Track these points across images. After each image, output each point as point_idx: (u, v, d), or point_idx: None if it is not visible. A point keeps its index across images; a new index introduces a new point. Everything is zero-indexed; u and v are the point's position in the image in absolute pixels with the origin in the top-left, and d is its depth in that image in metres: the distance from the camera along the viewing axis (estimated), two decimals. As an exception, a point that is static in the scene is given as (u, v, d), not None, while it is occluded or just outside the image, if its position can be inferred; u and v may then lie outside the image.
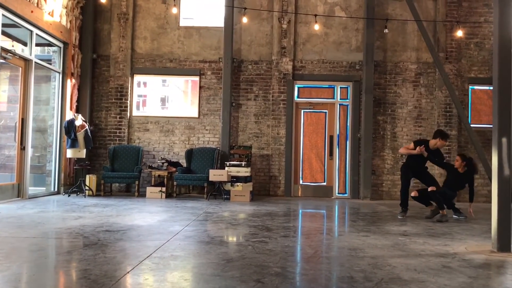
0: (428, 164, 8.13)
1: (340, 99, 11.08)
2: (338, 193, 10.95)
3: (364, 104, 10.69)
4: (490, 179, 8.59)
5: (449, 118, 10.85)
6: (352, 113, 10.95)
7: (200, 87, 11.07)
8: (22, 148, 8.74)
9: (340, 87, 11.08)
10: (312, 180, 11.01)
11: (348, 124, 11.02)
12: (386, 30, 10.51)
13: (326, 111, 11.08)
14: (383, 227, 6.34)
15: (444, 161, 8.39)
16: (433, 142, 7.77)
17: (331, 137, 11.00)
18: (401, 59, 11.04)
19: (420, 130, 10.95)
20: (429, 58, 10.79)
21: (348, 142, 10.95)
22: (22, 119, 8.77)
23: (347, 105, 11.06)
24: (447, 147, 10.77)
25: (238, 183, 9.79)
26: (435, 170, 9.88)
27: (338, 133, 11.02)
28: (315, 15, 10.39)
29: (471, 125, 10.49)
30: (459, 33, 10.49)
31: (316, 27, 10.45)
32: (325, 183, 10.97)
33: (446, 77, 10.33)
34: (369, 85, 10.66)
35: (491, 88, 10.75)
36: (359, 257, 4.35)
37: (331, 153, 10.99)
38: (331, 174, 10.99)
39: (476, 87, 11.08)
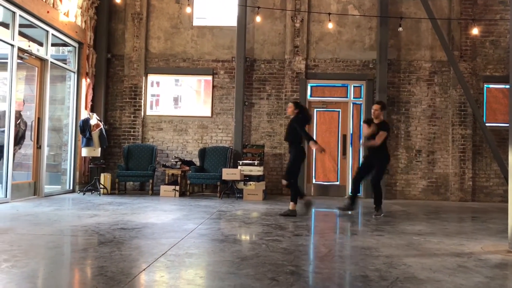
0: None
1: (354, 98, 11.04)
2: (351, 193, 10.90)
3: (378, 103, 10.62)
4: (506, 178, 8.52)
5: (463, 117, 10.75)
6: (366, 112, 10.89)
7: (213, 87, 11.11)
8: (38, 147, 8.85)
9: (354, 86, 11.04)
10: (325, 179, 10.98)
11: (361, 123, 10.96)
12: (400, 29, 10.45)
13: (339, 110, 11.04)
14: (397, 226, 6.31)
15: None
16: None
17: (344, 136, 10.97)
18: (415, 58, 10.97)
19: (435, 129, 10.87)
20: (444, 56, 10.70)
21: (361, 141, 10.90)
22: (38, 119, 8.89)
23: (361, 104, 11.02)
24: (461, 146, 10.69)
25: (251, 182, 9.81)
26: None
27: (351, 132, 10.98)
28: (329, 14, 10.36)
29: (486, 124, 10.38)
30: (474, 31, 10.39)
31: (330, 25, 10.43)
32: (338, 182, 10.95)
33: (461, 75, 10.24)
34: (383, 84, 10.60)
35: (507, 86, 10.68)
36: (373, 256, 4.34)
37: (344, 152, 10.96)
38: (344, 173, 10.96)
39: (491, 86, 10.96)
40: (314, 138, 10.71)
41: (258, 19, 10.39)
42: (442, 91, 10.93)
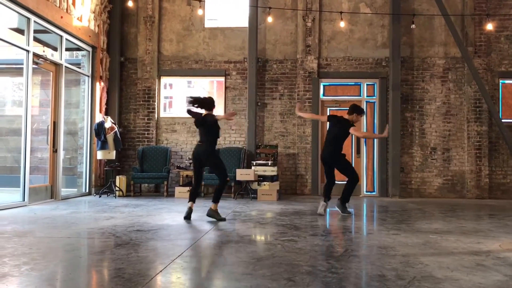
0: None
1: (367, 96, 10.98)
2: (366, 191, 10.86)
3: (392, 101, 10.57)
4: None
5: (479, 113, 10.62)
6: (379, 110, 10.84)
7: (226, 88, 11.14)
8: (54, 150, 8.97)
9: (367, 84, 10.98)
10: (340, 178, 10.88)
11: (375, 122, 10.91)
12: (413, 26, 10.36)
13: (353, 108, 10.97)
14: (414, 225, 6.26)
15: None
16: (349, 118, 7.39)
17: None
18: (428, 55, 10.87)
19: (449, 126, 10.76)
20: (457, 52, 10.59)
21: (375, 140, 10.84)
22: (54, 122, 9.00)
23: (374, 102, 10.95)
24: (477, 143, 10.57)
25: (265, 182, 9.81)
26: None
27: (365, 130, 10.91)
28: (340, 12, 10.32)
29: (502, 120, 10.25)
30: (489, 27, 10.25)
31: (342, 24, 10.40)
32: (352, 181, 10.87)
33: (476, 71, 10.12)
34: (396, 82, 10.53)
35: (523, 81, 10.53)
36: (390, 255, 4.32)
37: (358, 151, 10.91)
38: (359, 172, 10.86)
39: (507, 81, 10.82)
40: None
41: (269, 19, 10.40)
42: (456, 88, 10.82)
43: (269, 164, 9.95)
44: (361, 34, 11.02)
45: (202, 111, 6.81)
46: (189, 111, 6.96)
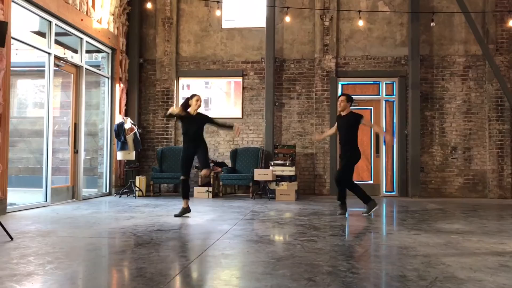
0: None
1: (386, 95, 10.89)
2: (386, 191, 10.77)
3: (411, 100, 10.46)
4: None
5: (500, 111, 10.45)
6: (399, 109, 10.74)
7: (243, 88, 11.16)
8: (76, 151, 9.10)
9: (385, 83, 10.90)
10: (358, 178, 10.85)
11: (394, 121, 10.82)
12: (432, 24, 10.24)
13: (372, 107, 10.91)
14: (434, 225, 6.19)
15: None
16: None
17: (377, 134, 10.82)
18: (448, 53, 10.73)
19: (470, 125, 10.61)
20: (478, 50, 10.43)
21: (395, 139, 10.75)
22: (75, 124, 9.14)
23: (393, 101, 10.86)
24: (499, 141, 10.39)
25: (283, 182, 9.80)
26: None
27: (384, 130, 10.82)
28: (359, 11, 10.26)
29: (525, 119, 10.06)
30: (511, 23, 10.07)
31: (360, 23, 10.33)
32: (371, 181, 10.82)
33: (497, 69, 9.96)
34: (416, 80, 10.42)
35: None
36: (411, 255, 4.28)
37: (377, 151, 10.83)
38: (378, 172, 10.82)
39: (529, 79, 10.61)
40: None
41: (287, 19, 10.39)
42: (477, 86, 10.65)
43: (287, 164, 9.94)
44: (379, 33, 10.93)
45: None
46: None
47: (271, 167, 9.95)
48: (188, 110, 6.91)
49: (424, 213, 7.58)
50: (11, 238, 4.83)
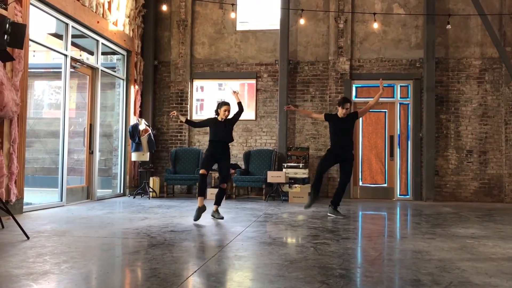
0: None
1: (400, 98, 10.82)
2: (400, 195, 10.69)
3: (426, 103, 10.38)
4: None
5: (518, 115, 10.31)
6: (413, 112, 10.66)
7: (257, 90, 11.18)
8: (91, 152, 9.20)
9: (400, 86, 10.82)
10: (372, 181, 10.81)
11: (409, 124, 10.74)
12: (448, 26, 10.15)
13: (386, 110, 10.85)
14: (449, 229, 6.13)
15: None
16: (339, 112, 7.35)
17: (391, 137, 10.76)
18: (464, 55, 10.63)
19: (486, 128, 10.48)
20: (495, 53, 10.31)
21: (409, 142, 10.67)
22: (90, 125, 9.23)
23: (408, 104, 10.78)
24: (511, 142, 10.26)
25: (296, 185, 9.79)
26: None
27: (398, 133, 10.76)
28: (374, 14, 10.21)
29: (543, 122, 9.92)
30: (528, 26, 9.94)
31: (375, 25, 10.28)
32: (385, 185, 10.74)
33: (514, 72, 9.83)
34: (431, 83, 10.34)
35: None
36: (425, 259, 4.24)
37: (391, 154, 10.75)
38: (392, 175, 10.74)
39: (547, 82, 10.46)
40: (361, 139, 10.62)
41: (302, 21, 10.38)
42: (493, 89, 10.53)
43: (300, 167, 9.93)
44: (394, 35, 10.87)
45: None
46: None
47: (284, 169, 9.94)
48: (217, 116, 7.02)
49: (439, 217, 7.51)
50: (28, 237, 4.90)
